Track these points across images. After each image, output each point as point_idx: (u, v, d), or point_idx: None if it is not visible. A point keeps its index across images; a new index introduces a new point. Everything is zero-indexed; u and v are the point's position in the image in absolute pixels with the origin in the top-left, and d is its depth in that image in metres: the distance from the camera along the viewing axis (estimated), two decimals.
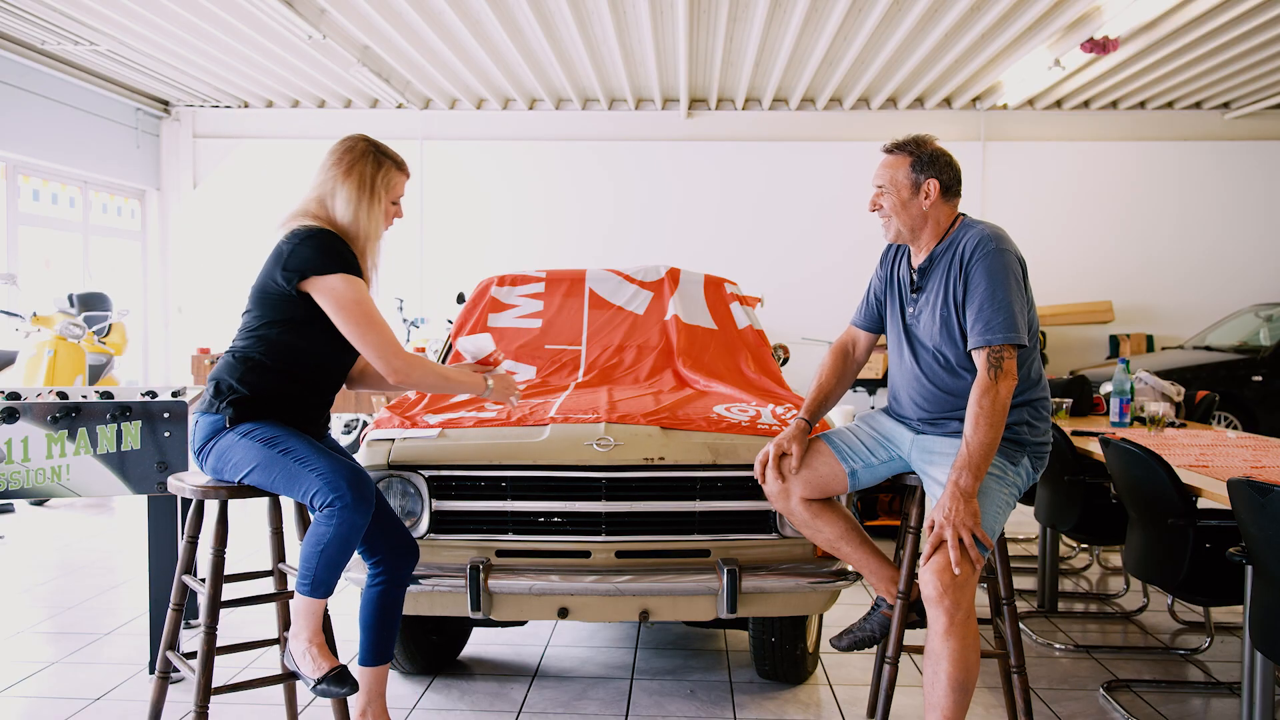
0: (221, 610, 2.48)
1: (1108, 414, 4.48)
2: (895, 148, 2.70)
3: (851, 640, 2.85)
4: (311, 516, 2.47)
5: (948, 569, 2.37)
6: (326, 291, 2.42)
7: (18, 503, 6.34)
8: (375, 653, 2.57)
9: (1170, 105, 9.89)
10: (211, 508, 2.53)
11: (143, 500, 3.91)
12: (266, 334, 2.49)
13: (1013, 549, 5.28)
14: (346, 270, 2.43)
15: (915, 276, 2.72)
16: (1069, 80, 8.88)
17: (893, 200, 2.66)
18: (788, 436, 2.71)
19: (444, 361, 4.07)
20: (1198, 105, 9.88)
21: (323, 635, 2.44)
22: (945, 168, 2.67)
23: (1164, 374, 6.49)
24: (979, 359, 2.52)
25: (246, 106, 10.22)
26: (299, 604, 2.41)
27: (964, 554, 2.37)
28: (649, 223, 10.23)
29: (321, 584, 2.38)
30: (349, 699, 2.62)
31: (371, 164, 2.57)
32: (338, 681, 2.36)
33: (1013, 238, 2.68)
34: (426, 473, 2.89)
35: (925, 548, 2.44)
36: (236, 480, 2.46)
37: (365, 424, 8.16)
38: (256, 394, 2.47)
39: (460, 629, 3.52)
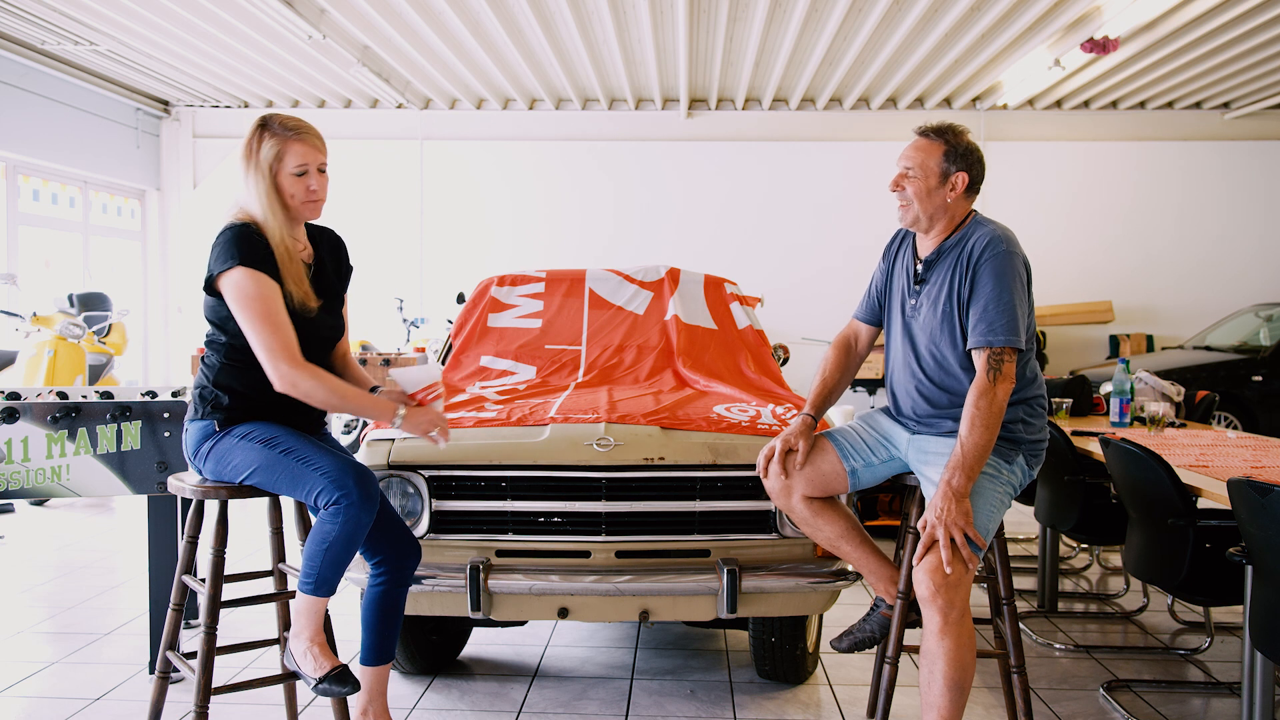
0: (221, 610, 2.48)
1: (1108, 414, 4.48)
2: (931, 132, 2.65)
3: (851, 641, 2.85)
4: (312, 516, 2.46)
5: (940, 569, 2.37)
6: (228, 287, 2.35)
7: (18, 503, 6.34)
8: (377, 652, 2.56)
9: (1170, 105, 9.89)
10: (211, 508, 2.53)
11: (143, 500, 3.91)
12: (217, 339, 2.48)
13: (1013, 549, 5.28)
14: (248, 264, 2.34)
15: (919, 269, 2.71)
16: (1069, 80, 8.88)
17: (919, 185, 2.62)
18: (794, 432, 2.70)
19: (443, 363, 4.06)
20: (1198, 105, 9.88)
21: (324, 635, 2.43)
22: (976, 163, 2.65)
23: (1164, 374, 6.49)
24: (978, 360, 2.51)
25: (246, 106, 10.22)
26: (301, 603, 2.40)
27: (956, 553, 2.37)
28: (649, 223, 10.23)
29: (325, 582, 2.37)
30: (349, 698, 2.62)
31: (257, 139, 2.41)
32: (339, 681, 2.36)
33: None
34: (426, 473, 2.89)
35: (918, 548, 2.44)
36: (237, 482, 2.46)
37: (365, 424, 8.15)
38: (237, 396, 2.46)
39: (460, 629, 3.52)
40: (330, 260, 2.65)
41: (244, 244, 2.36)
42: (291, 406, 2.52)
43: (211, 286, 2.41)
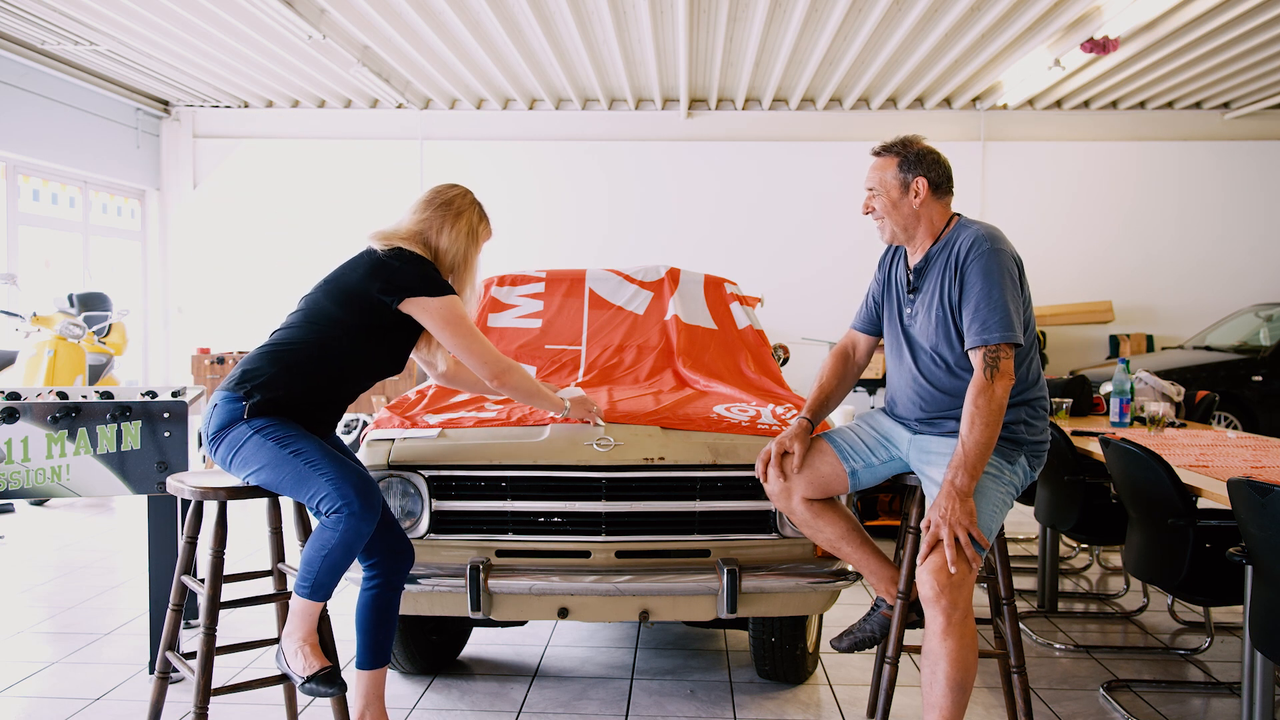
0: (221, 611, 2.48)
1: (1108, 414, 4.48)
2: (883, 149, 2.73)
3: (852, 641, 2.85)
4: (311, 518, 2.47)
5: (944, 569, 2.37)
6: (436, 311, 2.59)
7: (18, 503, 6.34)
8: (372, 656, 2.57)
9: (1170, 105, 9.89)
10: (210, 508, 2.53)
11: (143, 500, 3.91)
12: (328, 334, 2.55)
13: (1013, 549, 5.28)
14: (452, 293, 2.64)
15: (911, 277, 2.73)
16: (1069, 80, 8.88)
17: (884, 201, 2.69)
18: (790, 435, 2.71)
19: None
20: (1198, 105, 9.88)
21: (316, 636, 2.44)
22: (933, 165, 2.68)
23: (1164, 374, 6.49)
24: (975, 359, 2.52)
25: (246, 106, 10.21)
26: (297, 604, 2.41)
27: (960, 553, 2.37)
28: (650, 223, 10.23)
29: (321, 588, 2.38)
30: (348, 701, 2.63)
31: (478, 215, 2.82)
32: (327, 681, 2.37)
33: (1012, 238, 2.69)
34: (426, 473, 2.89)
35: (921, 547, 2.44)
36: (243, 476, 2.46)
37: (365, 424, 8.16)
38: (283, 392, 2.48)
39: (460, 629, 3.52)
40: None
41: (443, 278, 2.69)
42: (320, 412, 2.57)
43: (396, 298, 2.56)
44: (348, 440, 7.67)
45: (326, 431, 2.64)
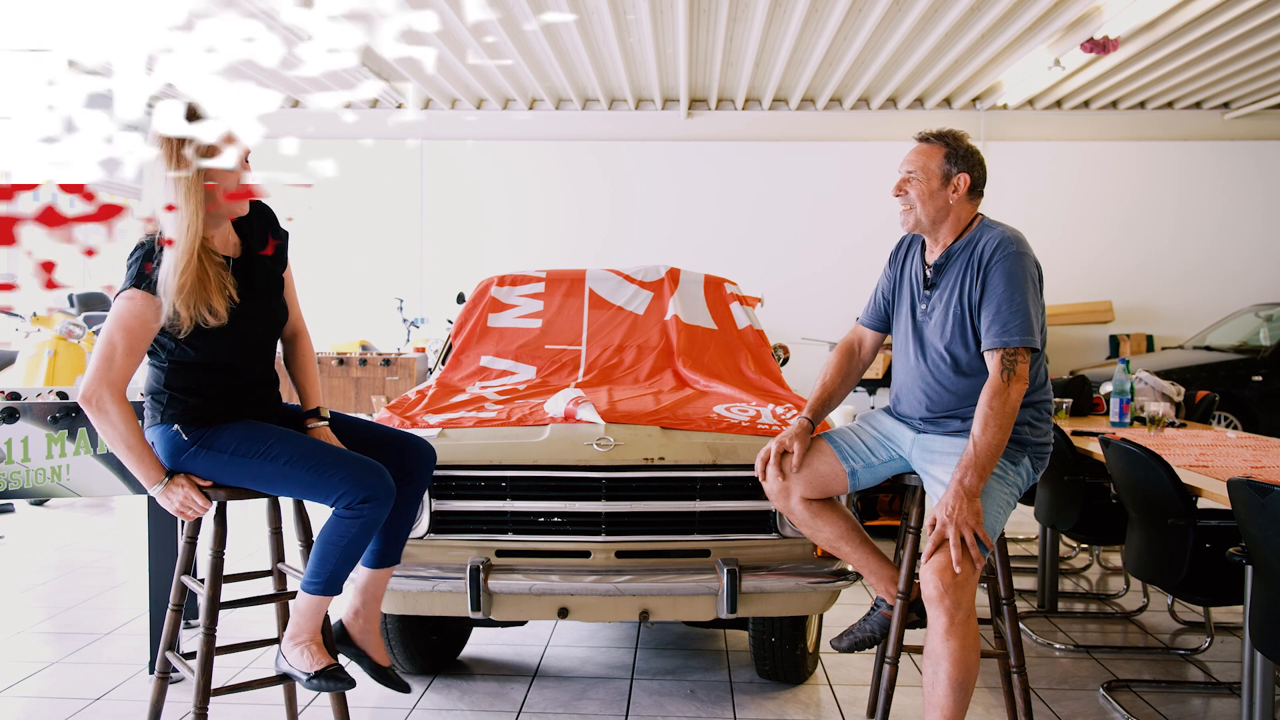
0: (221, 611, 2.48)
1: (1108, 414, 4.48)
2: (932, 137, 2.70)
3: (851, 641, 2.85)
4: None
5: (948, 568, 2.37)
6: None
7: (18, 503, 6.33)
8: (379, 555, 2.52)
9: (1170, 105, 9.89)
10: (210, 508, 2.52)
11: (143, 500, 3.91)
12: (157, 351, 2.38)
13: (1013, 549, 5.28)
14: (135, 285, 2.21)
15: (929, 273, 2.72)
16: (1069, 80, 8.88)
17: (921, 188, 2.65)
18: (789, 434, 2.71)
19: (443, 362, 4.06)
20: (1198, 105, 9.88)
21: (321, 636, 2.43)
22: (977, 165, 2.68)
23: (1164, 374, 6.49)
24: (992, 360, 2.52)
25: None
26: (304, 603, 2.38)
27: (965, 553, 2.37)
28: (645, 222, 10.23)
29: (336, 581, 2.35)
30: (340, 599, 2.52)
31: (177, 142, 2.20)
32: (333, 677, 2.35)
33: None
34: None
35: (926, 546, 2.44)
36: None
37: None
38: (194, 395, 2.36)
39: (460, 629, 3.52)
40: (261, 243, 2.50)
41: (143, 264, 2.23)
42: (249, 400, 2.45)
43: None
44: None
45: (269, 412, 2.48)
